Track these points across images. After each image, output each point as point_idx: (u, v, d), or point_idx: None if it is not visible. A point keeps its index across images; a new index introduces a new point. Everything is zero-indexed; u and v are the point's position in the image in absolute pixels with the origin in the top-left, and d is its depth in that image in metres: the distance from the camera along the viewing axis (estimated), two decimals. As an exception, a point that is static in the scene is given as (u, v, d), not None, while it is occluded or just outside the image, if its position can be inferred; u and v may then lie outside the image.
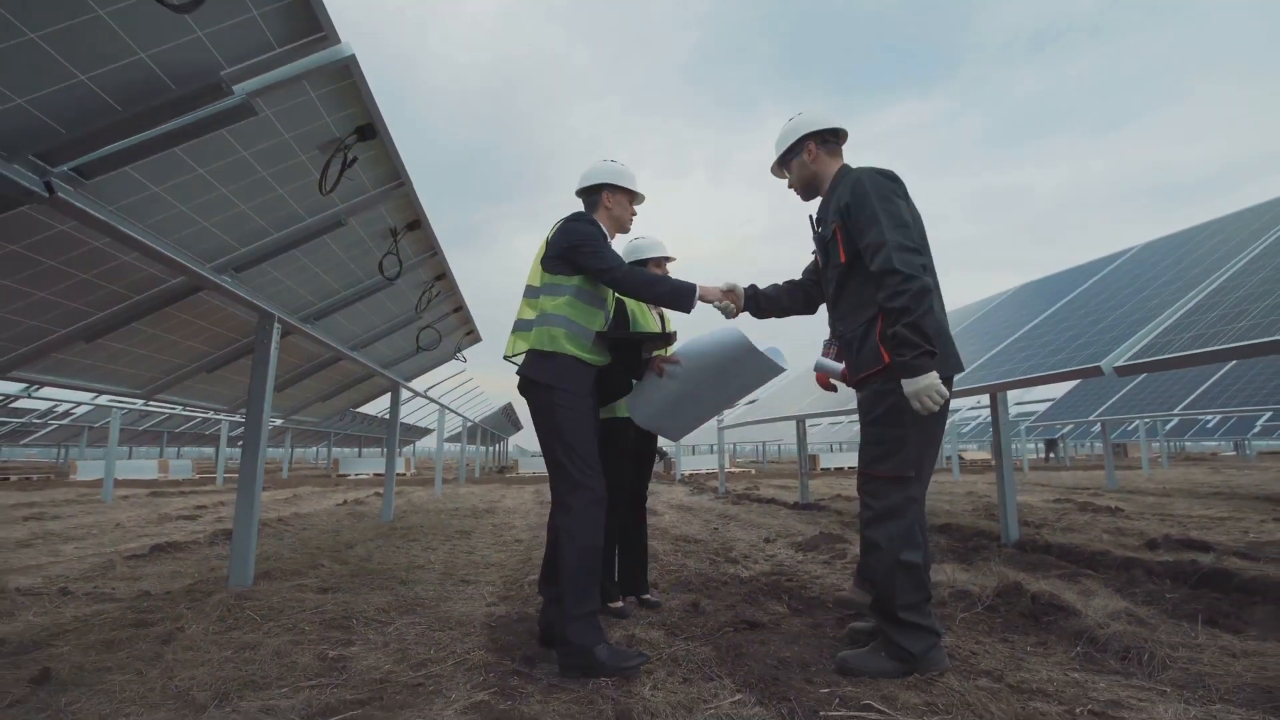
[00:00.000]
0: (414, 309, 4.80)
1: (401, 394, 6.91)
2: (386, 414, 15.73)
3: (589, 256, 2.17)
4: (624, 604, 2.73)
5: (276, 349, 3.31)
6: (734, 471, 16.44)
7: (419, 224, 3.60)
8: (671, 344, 2.50)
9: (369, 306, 4.34)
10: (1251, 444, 24.80)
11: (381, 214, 3.29)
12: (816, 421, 17.66)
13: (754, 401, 10.19)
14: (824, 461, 17.62)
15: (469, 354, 7.28)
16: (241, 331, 3.82)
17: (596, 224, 2.30)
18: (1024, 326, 4.07)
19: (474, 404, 16.30)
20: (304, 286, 3.51)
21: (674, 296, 2.20)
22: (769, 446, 28.94)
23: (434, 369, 7.51)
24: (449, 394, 12.17)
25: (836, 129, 2.22)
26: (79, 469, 13.90)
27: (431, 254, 4.14)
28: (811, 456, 17.05)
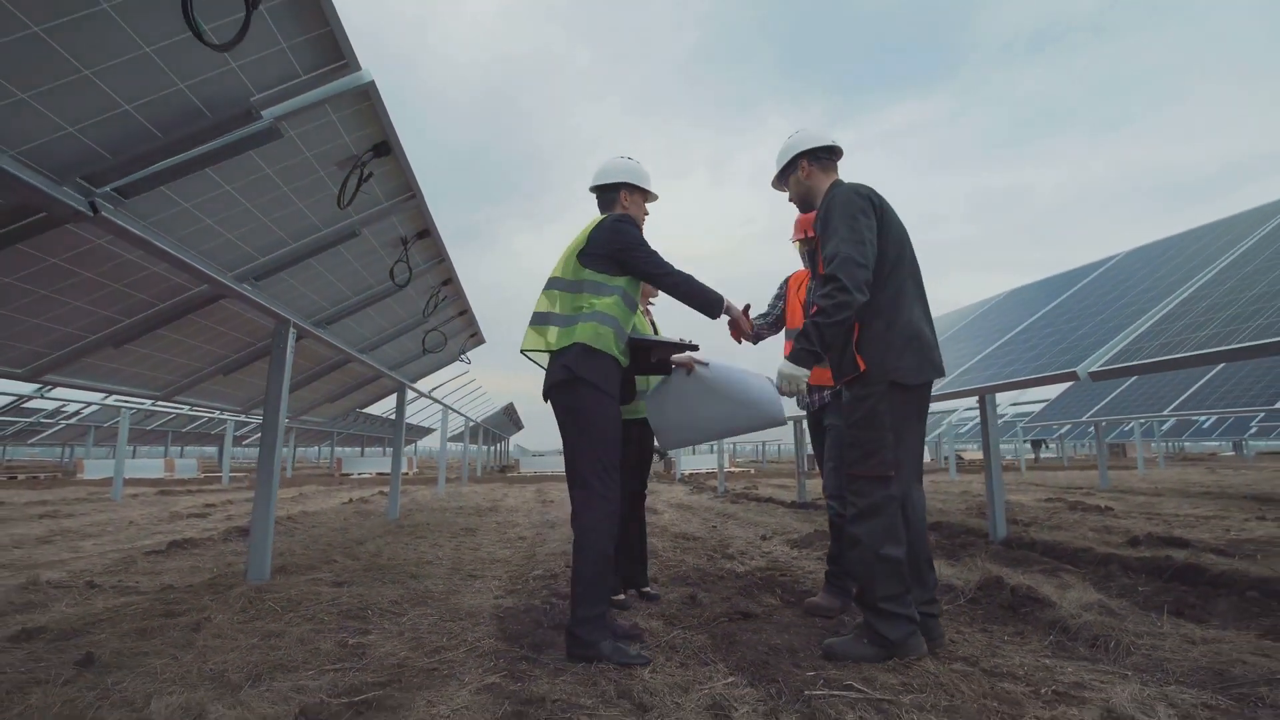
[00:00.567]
0: (421, 313, 4.95)
1: (407, 394, 7.05)
2: (388, 414, 15.88)
3: (645, 260, 2.25)
4: (625, 596, 2.88)
5: (292, 353, 3.46)
6: (734, 471, 16.58)
7: (428, 233, 3.75)
8: (677, 352, 2.63)
9: (378, 311, 4.49)
10: (1249, 444, 24.95)
11: (393, 224, 3.44)
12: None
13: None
14: (823, 461, 17.71)
15: (472, 354, 7.43)
16: (256, 335, 3.97)
17: (634, 223, 2.36)
18: (1011, 331, 4.22)
19: (476, 404, 16.45)
20: (318, 293, 3.66)
21: (708, 305, 2.34)
22: (768, 446, 29.07)
23: (438, 370, 7.67)
24: (452, 394, 12.32)
25: (831, 147, 2.36)
26: (86, 468, 14.06)
27: (439, 260, 4.29)
28: (809, 456, 17.19)
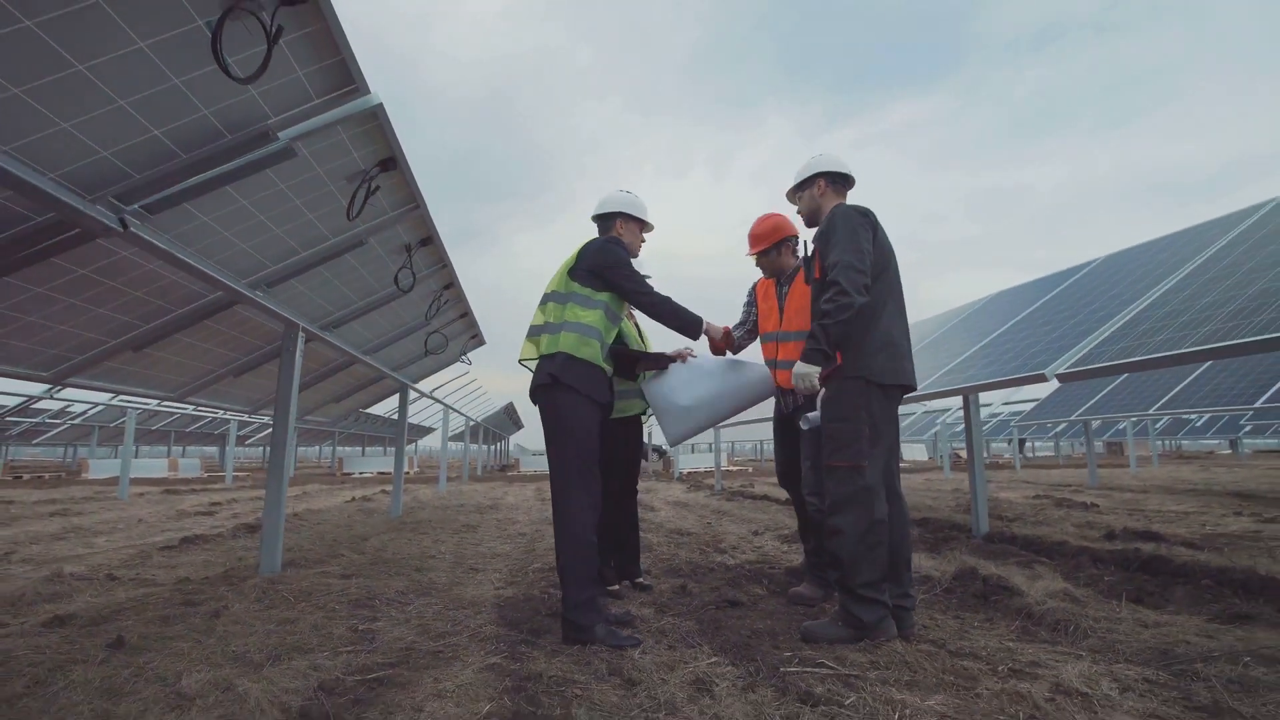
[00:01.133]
0: (423, 316, 5.10)
1: (409, 395, 7.21)
2: (390, 414, 16.03)
3: (626, 279, 2.47)
4: (618, 587, 3.03)
5: (301, 355, 3.62)
6: (731, 470, 16.75)
7: (431, 240, 3.90)
8: (663, 366, 2.81)
9: (382, 314, 4.64)
10: (1244, 443, 25.12)
11: (398, 232, 3.60)
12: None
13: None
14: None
15: (472, 354, 7.59)
16: (266, 339, 4.13)
17: (624, 245, 2.59)
18: (993, 333, 4.37)
19: (477, 404, 16.61)
20: (325, 298, 3.81)
21: (686, 326, 2.54)
22: (767, 446, 29.24)
23: (439, 371, 7.82)
24: (453, 394, 12.48)
25: (847, 175, 2.57)
26: (90, 467, 14.22)
27: (441, 266, 4.44)
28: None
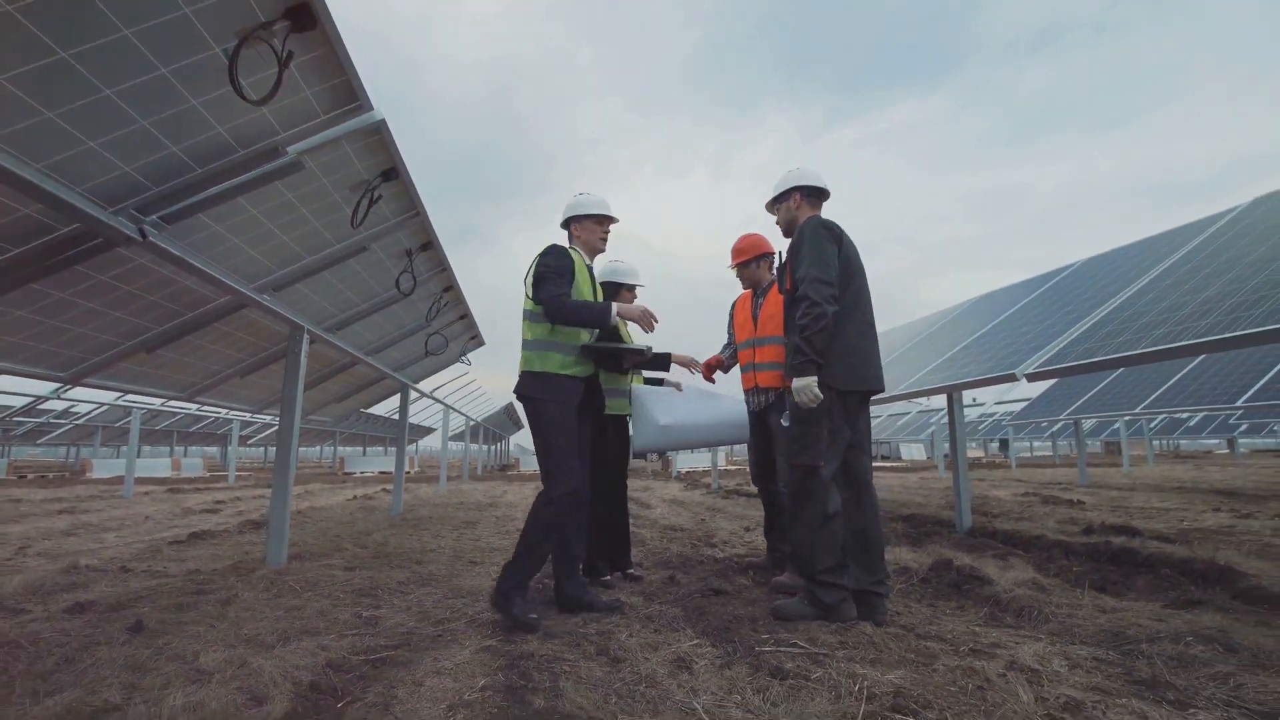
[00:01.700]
0: (424, 318, 5.25)
1: (410, 395, 7.35)
2: (391, 414, 16.17)
3: (540, 288, 2.53)
4: (610, 577, 3.17)
5: (306, 357, 3.76)
6: (730, 469, 16.89)
7: (431, 245, 4.05)
8: (647, 359, 2.89)
9: (384, 316, 4.78)
10: (1240, 442, 25.27)
11: (399, 238, 3.74)
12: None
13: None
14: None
15: (472, 355, 7.73)
16: (271, 340, 4.27)
17: (559, 255, 2.59)
18: (974, 334, 4.51)
19: (477, 404, 16.75)
20: (329, 301, 3.96)
21: (596, 318, 2.49)
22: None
23: (439, 371, 7.97)
24: (453, 394, 12.63)
25: (821, 189, 2.70)
26: (94, 467, 14.37)
27: (441, 270, 4.59)
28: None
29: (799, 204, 2.68)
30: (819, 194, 2.69)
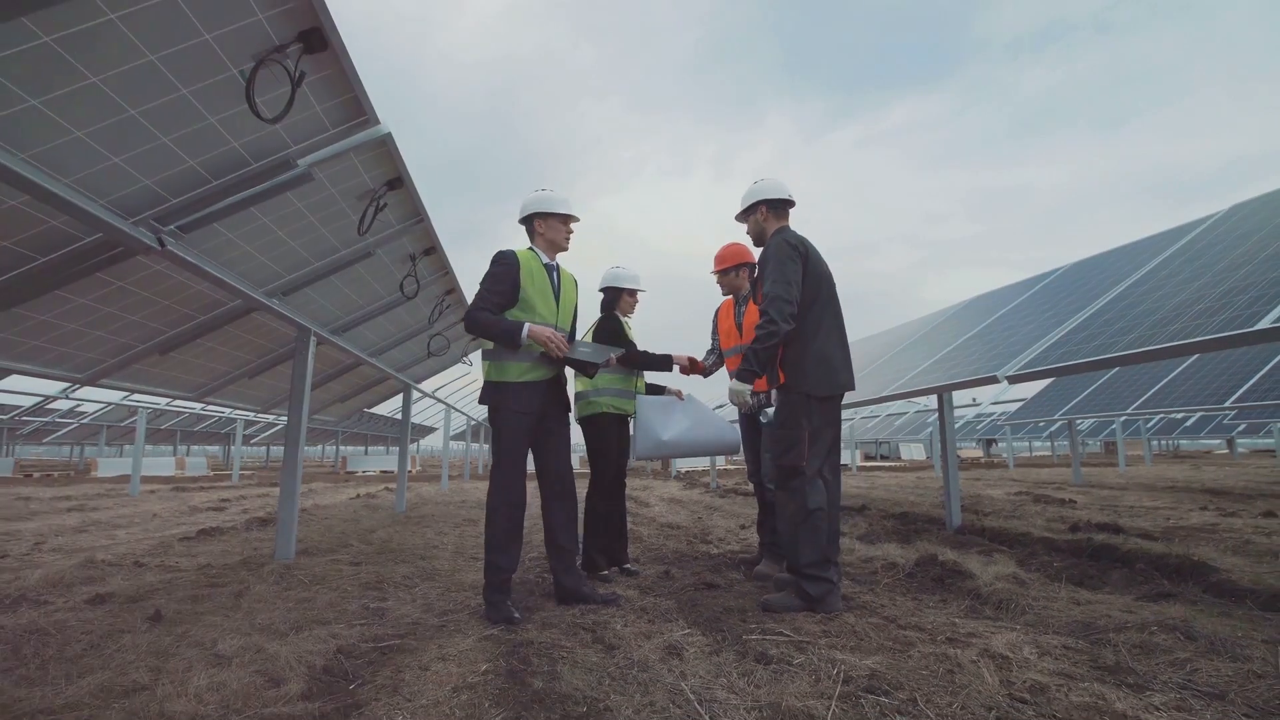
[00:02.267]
0: (427, 320, 5.36)
1: (412, 395, 7.47)
2: (394, 414, 16.30)
3: (476, 294, 2.57)
4: (608, 572, 3.29)
5: (313, 358, 3.88)
6: (729, 468, 16.99)
7: (434, 250, 4.16)
8: (613, 364, 2.89)
9: (388, 319, 4.90)
10: (1239, 442, 25.36)
11: (403, 244, 3.86)
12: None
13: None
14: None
15: (473, 356, 7.85)
16: (279, 342, 4.39)
17: (502, 263, 2.58)
18: (963, 336, 4.62)
19: (477, 404, 16.86)
20: (335, 304, 4.08)
21: (504, 337, 2.52)
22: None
23: (441, 372, 8.09)
24: (454, 395, 12.75)
25: (786, 199, 2.83)
26: (99, 466, 14.50)
27: (444, 273, 4.71)
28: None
29: (765, 216, 2.81)
30: (784, 205, 2.81)
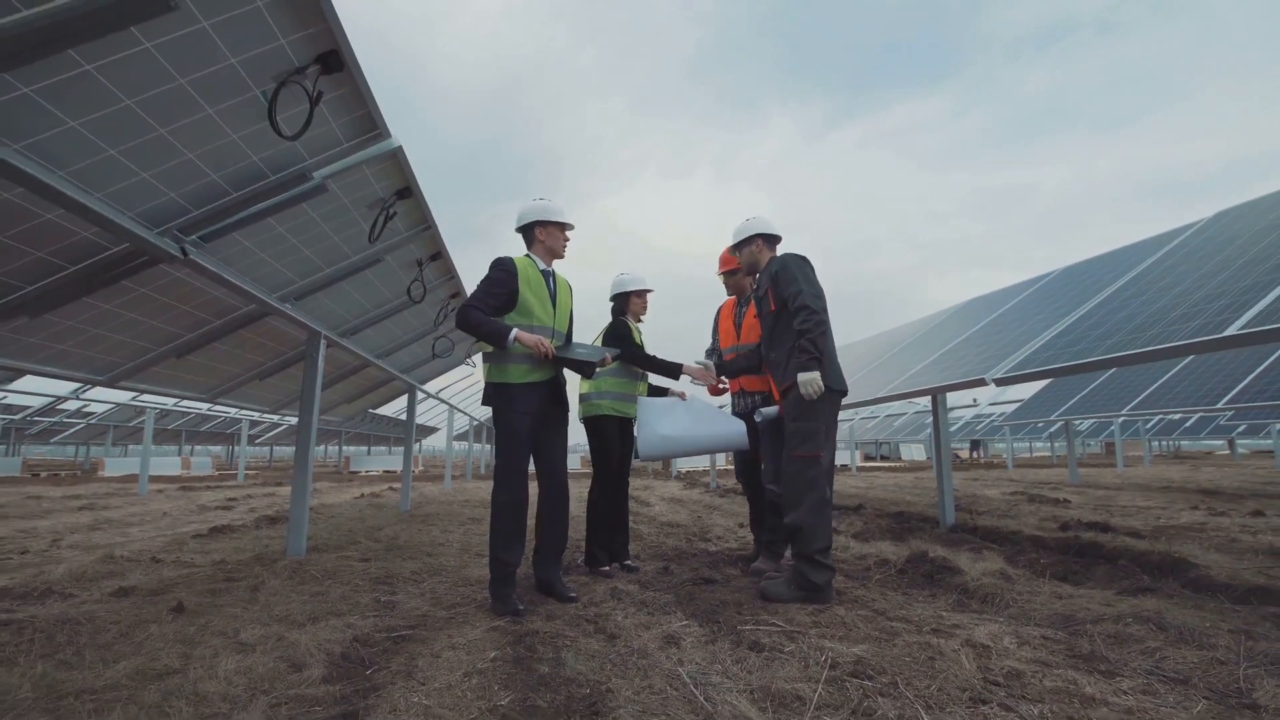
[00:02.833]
0: (432, 322, 5.48)
1: (417, 395, 7.59)
2: (399, 414, 16.43)
3: (472, 294, 2.65)
4: (610, 568, 3.40)
5: (323, 360, 4.00)
6: (729, 468, 17.09)
7: (440, 255, 4.28)
8: (606, 364, 2.95)
9: (395, 322, 5.02)
10: (1239, 443, 25.43)
11: (411, 250, 3.97)
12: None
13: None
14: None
15: (476, 357, 7.97)
16: (289, 345, 4.51)
17: (502, 269, 2.68)
18: (956, 339, 4.72)
19: (479, 404, 16.98)
20: (344, 308, 4.19)
21: (491, 337, 2.60)
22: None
23: (445, 373, 8.21)
24: (457, 395, 12.87)
25: (777, 235, 3.13)
26: (106, 465, 14.65)
27: (449, 277, 4.82)
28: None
29: (760, 248, 3.12)
30: (775, 239, 3.14)
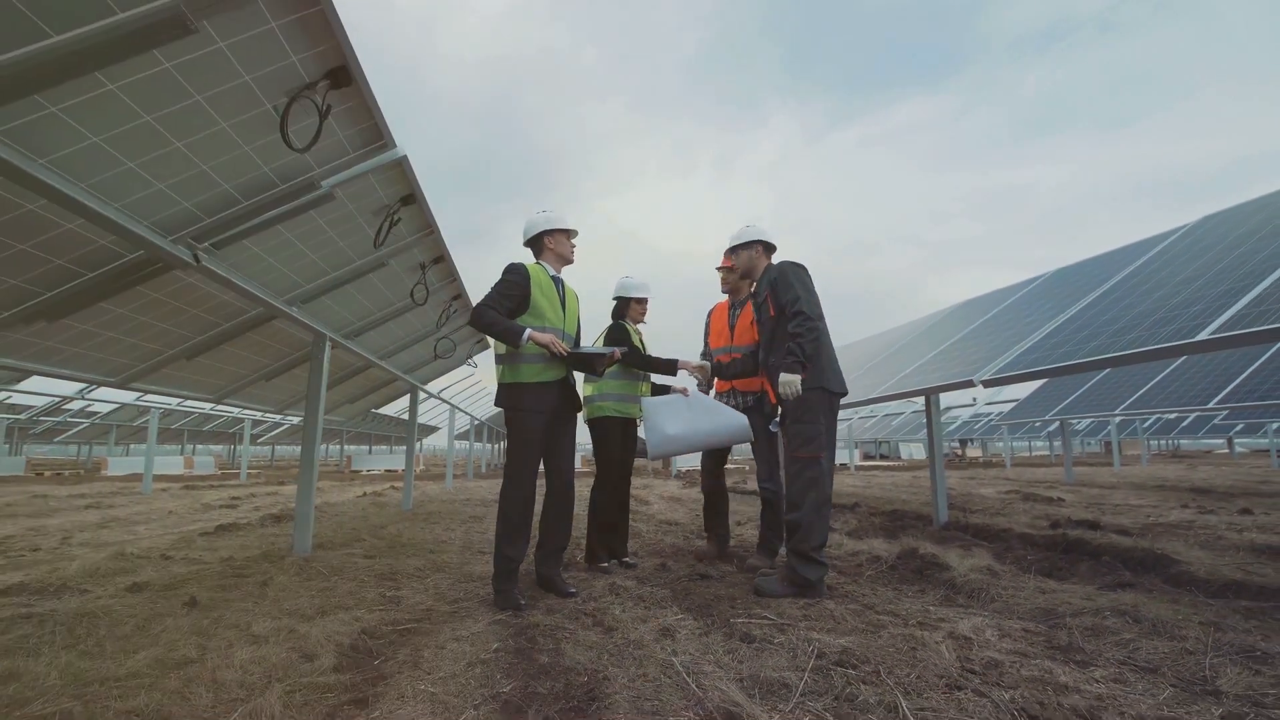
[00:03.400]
0: (434, 324, 5.57)
1: (419, 395, 7.68)
2: (400, 414, 16.52)
3: (486, 295, 2.75)
4: (608, 565, 3.49)
5: (328, 362, 4.09)
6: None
7: (442, 258, 4.37)
8: (614, 359, 3.06)
9: (398, 323, 5.11)
10: (1237, 442, 25.51)
11: (414, 254, 4.06)
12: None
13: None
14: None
15: (478, 357, 8.06)
16: (295, 346, 4.60)
17: (516, 274, 2.78)
18: (949, 340, 4.81)
19: (482, 404, 17.09)
20: (348, 311, 4.28)
21: (506, 335, 2.70)
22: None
23: (446, 373, 8.30)
24: (459, 395, 12.96)
25: (774, 244, 3.30)
26: (110, 465, 14.75)
27: (451, 280, 4.91)
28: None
29: (759, 253, 3.28)
30: (772, 247, 3.32)
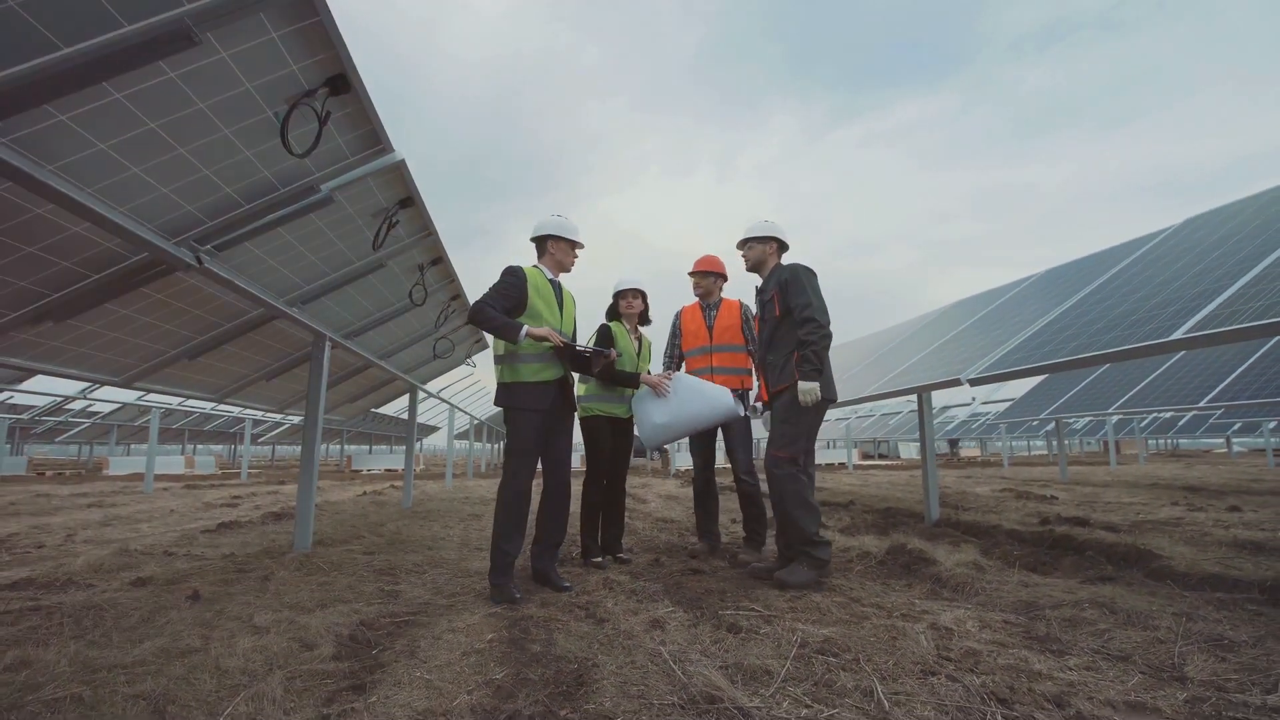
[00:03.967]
0: (433, 324, 5.64)
1: (418, 395, 7.74)
2: (400, 414, 16.60)
3: (483, 296, 2.79)
4: (603, 560, 3.56)
5: (328, 362, 4.15)
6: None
7: (441, 260, 4.44)
8: (610, 359, 3.11)
9: (397, 324, 5.17)
10: (1235, 441, 25.61)
11: (413, 255, 4.13)
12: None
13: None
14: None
15: (477, 357, 8.13)
16: (295, 347, 4.66)
17: (514, 276, 2.83)
18: (941, 339, 4.87)
19: (481, 403, 17.16)
20: (348, 311, 4.35)
21: (504, 331, 2.74)
22: (761, 444, 29.87)
23: (445, 373, 8.36)
24: (458, 395, 13.03)
25: (788, 244, 3.38)
26: (111, 464, 14.82)
27: (449, 280, 4.98)
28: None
29: (773, 250, 3.31)
30: (785, 247, 3.37)
